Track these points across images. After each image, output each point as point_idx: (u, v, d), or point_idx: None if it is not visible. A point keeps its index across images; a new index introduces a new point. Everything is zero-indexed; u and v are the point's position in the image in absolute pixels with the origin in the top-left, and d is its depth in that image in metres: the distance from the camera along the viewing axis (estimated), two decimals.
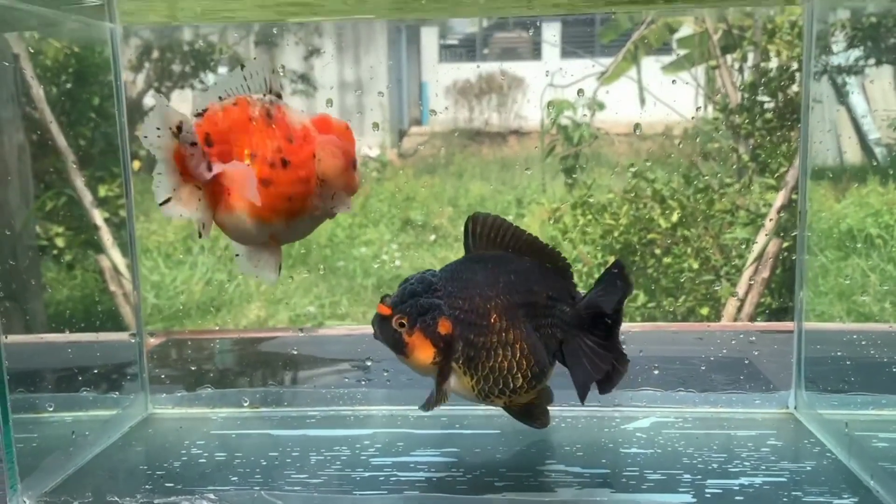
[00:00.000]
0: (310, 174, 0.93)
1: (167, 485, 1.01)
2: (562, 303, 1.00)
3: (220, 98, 0.91)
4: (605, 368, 0.98)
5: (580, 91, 1.40)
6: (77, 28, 1.24)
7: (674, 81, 2.52)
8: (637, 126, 1.50)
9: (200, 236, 0.91)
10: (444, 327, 0.99)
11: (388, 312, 1.00)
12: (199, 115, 0.90)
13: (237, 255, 0.96)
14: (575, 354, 0.99)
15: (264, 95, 0.92)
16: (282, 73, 2.63)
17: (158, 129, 0.85)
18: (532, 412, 1.08)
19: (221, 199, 0.89)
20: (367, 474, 1.03)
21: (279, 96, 0.94)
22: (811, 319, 1.22)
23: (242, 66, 0.93)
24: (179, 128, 0.86)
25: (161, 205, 0.88)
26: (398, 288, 1.02)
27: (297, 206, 0.94)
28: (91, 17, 1.19)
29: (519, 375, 0.99)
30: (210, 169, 0.87)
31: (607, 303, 0.98)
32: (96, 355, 1.23)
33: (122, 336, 1.31)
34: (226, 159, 0.89)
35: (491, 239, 1.01)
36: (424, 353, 1.00)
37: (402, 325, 1.00)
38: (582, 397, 0.99)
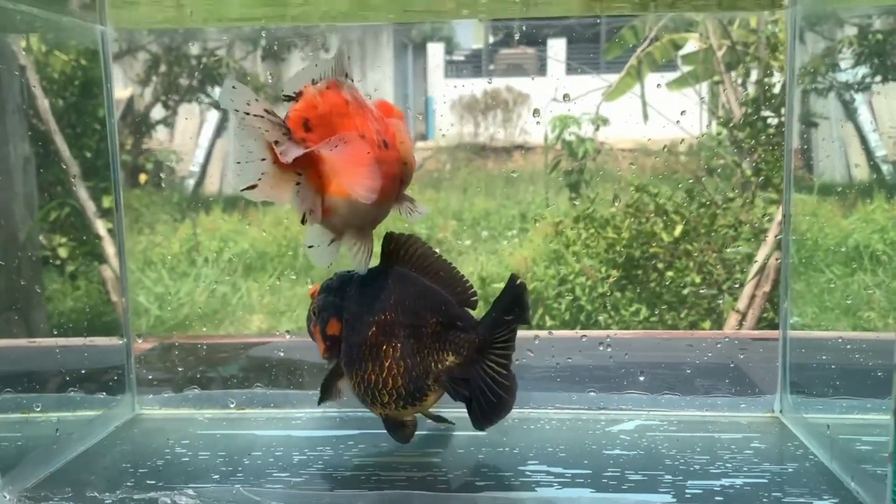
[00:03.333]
0: (398, 156, 0.94)
1: (149, 482, 1.01)
2: (458, 331, 1.00)
3: (313, 81, 0.89)
4: (509, 386, 1.00)
5: (566, 96, 1.41)
6: (68, 30, 1.25)
7: (659, 85, 2.54)
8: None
9: (304, 222, 0.90)
10: (332, 328, 1.01)
11: (312, 295, 1.05)
12: (291, 98, 0.89)
13: (310, 246, 0.94)
14: (475, 379, 1.00)
15: (346, 76, 0.91)
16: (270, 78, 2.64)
17: (247, 111, 0.84)
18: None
19: (331, 183, 0.88)
20: (348, 474, 1.03)
21: (352, 80, 0.92)
22: None
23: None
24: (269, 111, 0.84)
25: (244, 190, 0.87)
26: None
27: (393, 189, 0.95)
28: (81, 20, 1.20)
29: (384, 392, 1.00)
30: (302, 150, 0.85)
31: (516, 318, 1.00)
32: (84, 356, 1.24)
33: (111, 340, 1.32)
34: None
35: (401, 257, 1.02)
36: (319, 346, 1.04)
37: (314, 313, 1.04)
38: (486, 424, 1.01)
